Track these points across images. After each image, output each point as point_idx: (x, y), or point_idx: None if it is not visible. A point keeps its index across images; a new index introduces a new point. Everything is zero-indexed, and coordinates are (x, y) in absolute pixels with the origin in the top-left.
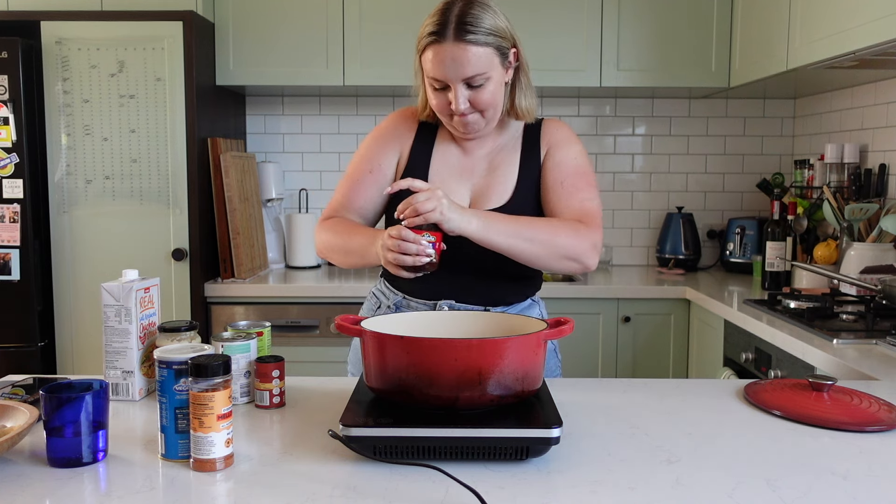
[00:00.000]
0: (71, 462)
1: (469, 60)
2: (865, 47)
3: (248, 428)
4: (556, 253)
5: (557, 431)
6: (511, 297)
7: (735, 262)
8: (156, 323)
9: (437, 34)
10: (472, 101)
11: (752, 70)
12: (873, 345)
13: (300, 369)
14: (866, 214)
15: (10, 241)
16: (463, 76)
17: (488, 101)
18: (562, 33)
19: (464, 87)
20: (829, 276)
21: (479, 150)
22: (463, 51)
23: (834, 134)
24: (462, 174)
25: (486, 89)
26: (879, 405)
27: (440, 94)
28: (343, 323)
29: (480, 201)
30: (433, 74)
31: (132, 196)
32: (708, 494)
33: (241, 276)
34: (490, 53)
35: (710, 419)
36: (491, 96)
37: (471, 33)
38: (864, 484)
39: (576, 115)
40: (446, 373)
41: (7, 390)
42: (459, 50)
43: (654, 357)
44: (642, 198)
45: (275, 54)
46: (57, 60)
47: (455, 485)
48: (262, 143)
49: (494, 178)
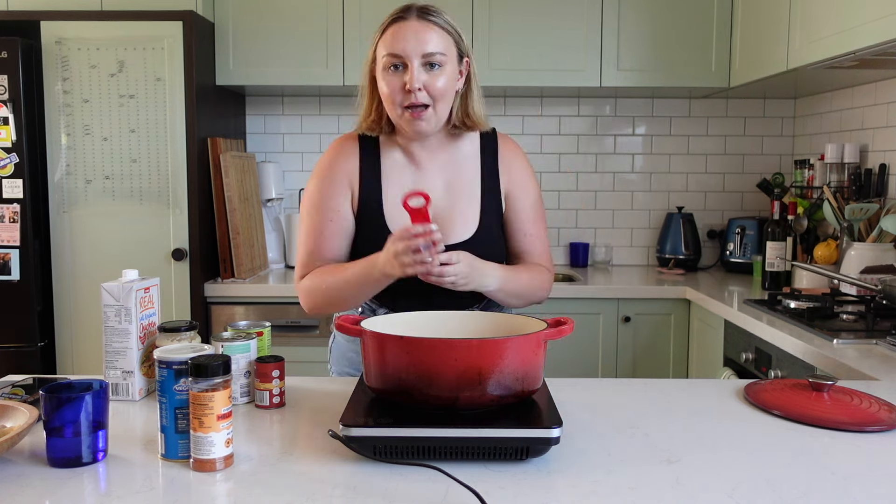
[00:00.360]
0: (71, 462)
1: (431, 38)
2: (866, 47)
3: (248, 428)
4: (526, 301)
5: (557, 431)
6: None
7: (735, 262)
8: (156, 323)
9: (401, 14)
10: (426, 85)
11: (752, 70)
12: (873, 345)
13: (300, 369)
14: (866, 214)
15: (10, 241)
16: (423, 51)
17: (441, 89)
18: (562, 33)
19: (421, 68)
20: (829, 276)
21: (431, 164)
22: (426, 26)
23: (834, 134)
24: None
25: (441, 76)
26: (879, 405)
27: (395, 76)
28: (343, 323)
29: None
30: (393, 49)
31: (132, 196)
32: (708, 494)
33: (241, 276)
34: (449, 41)
35: (710, 419)
36: (444, 85)
37: (434, 16)
38: (864, 484)
39: (576, 115)
40: (446, 373)
41: (7, 390)
42: (422, 25)
43: (654, 357)
44: (642, 198)
45: (275, 54)
46: (57, 60)
47: (455, 485)
48: (262, 143)
49: (455, 206)
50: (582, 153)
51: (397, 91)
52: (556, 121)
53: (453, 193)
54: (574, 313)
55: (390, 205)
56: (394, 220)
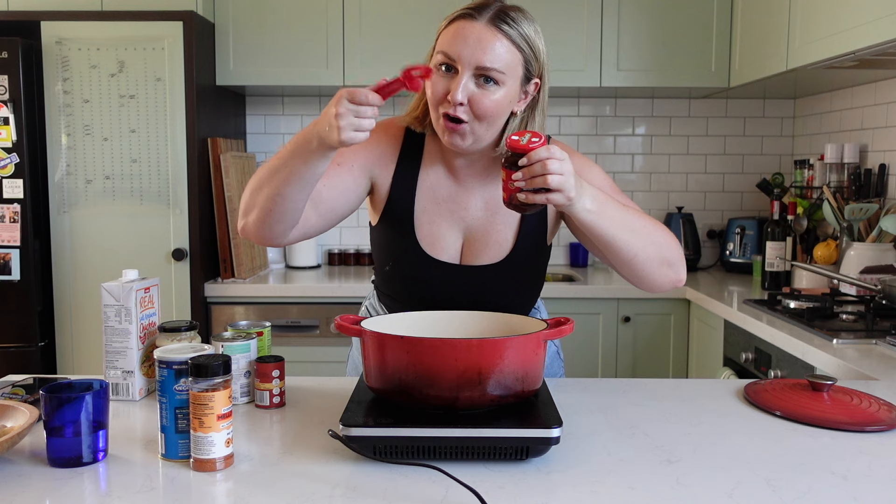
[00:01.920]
0: (71, 462)
1: (493, 48)
2: (865, 47)
3: (248, 428)
4: (657, 254)
5: (557, 431)
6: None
7: (735, 262)
8: (156, 323)
9: (473, 11)
10: (472, 101)
11: (752, 70)
12: (873, 345)
13: (300, 369)
14: (866, 214)
15: (10, 241)
16: (478, 62)
17: (489, 108)
18: (562, 33)
19: (471, 79)
20: (829, 276)
21: (471, 179)
22: (492, 35)
23: (834, 134)
24: (454, 212)
25: (494, 95)
26: (879, 405)
27: (443, 78)
28: (343, 323)
29: (470, 254)
30: (447, 48)
31: (132, 196)
32: (708, 494)
33: (241, 276)
34: (516, 59)
35: (710, 419)
36: (494, 106)
37: (508, 25)
38: (864, 484)
39: (576, 115)
40: (446, 373)
41: (7, 390)
42: (488, 32)
43: (654, 357)
44: (642, 198)
45: (275, 54)
46: (57, 60)
47: (455, 485)
48: (262, 143)
49: (492, 226)
50: (582, 153)
51: (440, 95)
52: (556, 121)
53: (491, 214)
54: (574, 313)
55: (421, 214)
56: (423, 230)
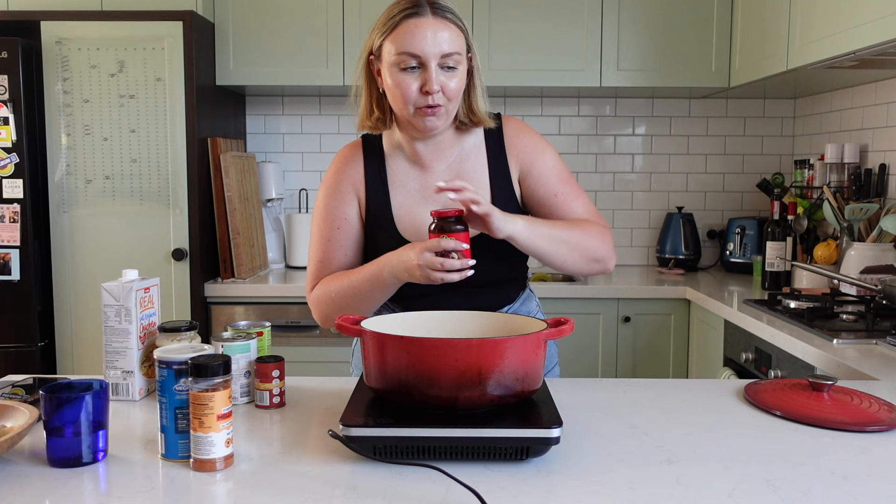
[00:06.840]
0: (71, 462)
1: (449, 37)
2: (865, 47)
3: (248, 428)
4: (586, 256)
5: (557, 431)
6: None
7: (735, 262)
8: (156, 323)
9: (415, 9)
10: (443, 86)
11: (752, 70)
12: (873, 345)
13: (300, 369)
14: (866, 214)
15: (10, 241)
16: (441, 52)
17: (456, 88)
18: (562, 33)
19: (438, 69)
20: (829, 276)
21: (438, 164)
22: (443, 25)
23: (834, 134)
24: (427, 198)
25: (456, 77)
26: (879, 405)
27: (408, 77)
28: (343, 323)
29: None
30: (410, 49)
31: (132, 196)
32: (708, 494)
33: (241, 276)
34: (461, 39)
35: (710, 419)
36: (459, 84)
37: (448, 12)
38: (864, 484)
39: (576, 115)
40: (446, 373)
41: (7, 390)
42: (440, 24)
43: (654, 357)
44: (642, 198)
45: (275, 54)
46: (57, 60)
47: (455, 485)
48: (262, 143)
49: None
50: (582, 153)
51: (414, 92)
52: (556, 121)
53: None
54: (574, 313)
55: (399, 209)
56: (403, 223)
